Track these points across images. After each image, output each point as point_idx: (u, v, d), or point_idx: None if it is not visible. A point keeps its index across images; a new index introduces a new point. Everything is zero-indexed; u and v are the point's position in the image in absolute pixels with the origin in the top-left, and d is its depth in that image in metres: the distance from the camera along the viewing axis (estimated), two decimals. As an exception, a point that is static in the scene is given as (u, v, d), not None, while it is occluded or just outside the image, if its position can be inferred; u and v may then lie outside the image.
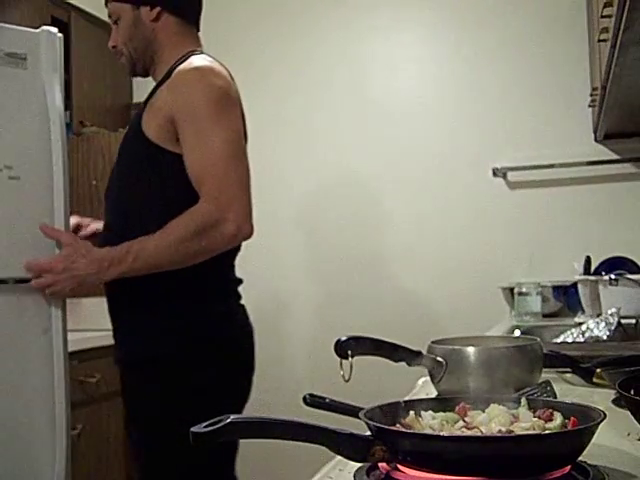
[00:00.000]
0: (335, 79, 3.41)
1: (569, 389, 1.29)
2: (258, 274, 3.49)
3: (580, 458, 0.74)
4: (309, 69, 3.45)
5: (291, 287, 3.45)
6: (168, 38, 1.72)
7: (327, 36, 3.43)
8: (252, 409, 3.34)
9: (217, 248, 1.56)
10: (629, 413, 0.94)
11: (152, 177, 1.61)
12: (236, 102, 1.64)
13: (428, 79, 3.30)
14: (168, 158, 1.58)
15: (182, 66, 1.62)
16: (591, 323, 1.86)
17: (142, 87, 3.65)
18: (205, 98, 1.56)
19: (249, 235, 1.58)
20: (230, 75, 1.68)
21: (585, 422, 0.75)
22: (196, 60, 1.64)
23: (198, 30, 1.80)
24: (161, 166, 1.59)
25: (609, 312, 1.87)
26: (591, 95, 2.64)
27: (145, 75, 1.80)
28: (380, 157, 3.33)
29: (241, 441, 0.72)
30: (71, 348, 1.82)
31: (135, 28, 1.72)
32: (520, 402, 0.84)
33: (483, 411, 0.83)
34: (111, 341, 2.84)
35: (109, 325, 1.73)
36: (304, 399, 0.94)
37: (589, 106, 2.76)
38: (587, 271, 2.54)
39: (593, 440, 0.73)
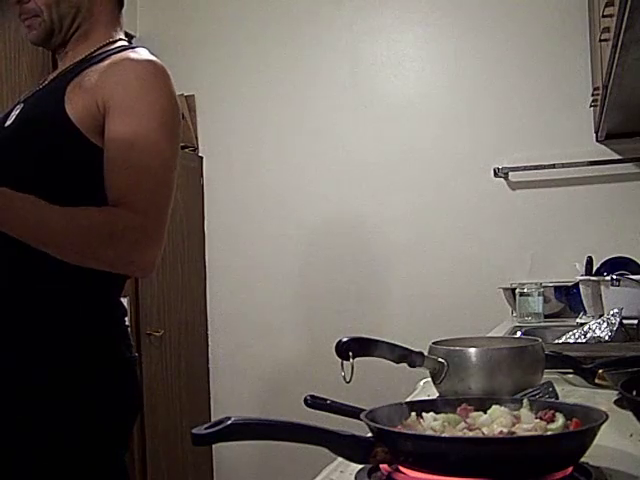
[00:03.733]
0: (336, 79, 3.41)
1: (571, 390, 1.28)
2: (259, 274, 3.49)
3: (582, 459, 0.74)
4: (311, 69, 3.45)
5: (292, 288, 3.44)
6: (104, 15, 1.42)
7: (329, 36, 3.43)
8: (253, 411, 3.36)
9: (116, 267, 1.28)
10: (631, 414, 0.94)
11: (69, 171, 1.28)
12: (181, 118, 1.37)
13: (429, 79, 3.30)
14: (92, 152, 1.28)
15: (129, 54, 1.33)
16: (593, 324, 1.86)
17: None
18: (157, 102, 1.29)
19: (151, 272, 1.30)
20: None
21: (587, 423, 0.75)
22: (145, 52, 1.35)
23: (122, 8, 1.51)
24: (83, 159, 1.28)
25: (611, 313, 1.87)
26: (592, 95, 2.64)
27: (57, 49, 1.45)
28: (381, 157, 3.33)
29: (242, 443, 0.72)
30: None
31: None
32: (522, 403, 0.84)
33: (485, 412, 0.82)
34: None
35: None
36: (305, 400, 0.94)
37: (590, 106, 2.76)
38: (589, 271, 2.54)
39: (595, 441, 0.73)
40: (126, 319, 1.41)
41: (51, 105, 1.30)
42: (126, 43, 1.45)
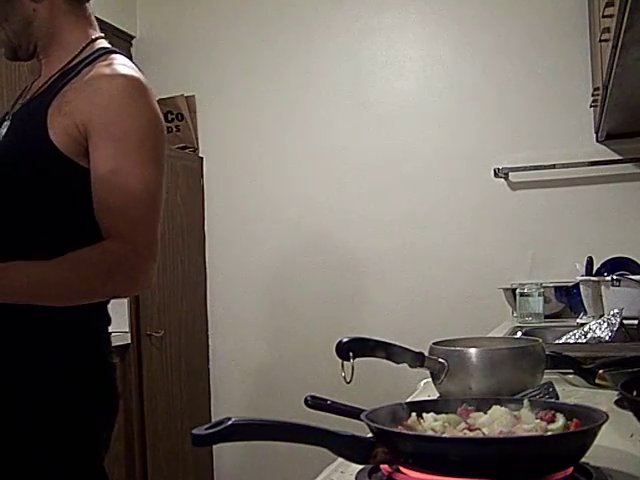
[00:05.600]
0: (337, 79, 3.41)
1: (571, 390, 1.28)
2: (259, 274, 3.49)
3: (583, 460, 0.74)
4: (311, 70, 3.45)
5: (292, 288, 3.44)
6: (58, 20, 1.39)
7: (329, 37, 3.43)
8: (254, 411, 3.36)
9: (116, 295, 1.32)
10: (632, 414, 0.94)
11: (60, 195, 1.30)
12: (164, 131, 1.36)
13: (429, 80, 3.30)
14: (80, 174, 1.28)
15: (104, 69, 1.31)
16: (593, 324, 1.86)
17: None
18: (137, 122, 1.28)
19: (149, 287, 1.32)
20: None
21: (588, 423, 0.75)
22: (121, 65, 1.33)
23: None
24: (72, 183, 1.29)
25: (611, 313, 1.87)
26: (592, 95, 2.64)
27: (29, 60, 1.46)
28: (381, 157, 3.33)
29: (243, 443, 0.72)
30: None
31: (10, 5, 1.37)
32: (522, 403, 0.84)
33: (485, 413, 0.82)
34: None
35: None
36: (305, 401, 0.94)
37: (590, 106, 2.76)
38: (589, 272, 2.54)
39: (596, 441, 0.73)
40: (109, 328, 1.43)
41: (35, 131, 1.30)
42: (104, 43, 1.42)
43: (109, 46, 1.42)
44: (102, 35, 1.45)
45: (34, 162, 1.30)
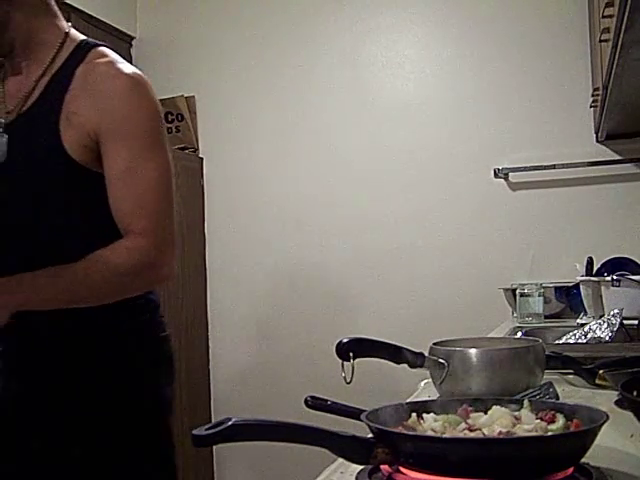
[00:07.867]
0: (337, 80, 3.41)
1: (572, 390, 1.28)
2: (259, 274, 3.49)
3: (583, 460, 0.74)
4: (311, 70, 3.45)
5: (292, 288, 3.44)
6: (32, 19, 1.36)
7: (329, 37, 3.43)
8: (254, 411, 3.36)
9: (145, 289, 1.39)
10: (632, 414, 0.94)
11: (80, 205, 1.35)
12: (164, 121, 1.39)
13: (429, 80, 3.30)
14: (97, 181, 1.32)
15: (104, 68, 1.33)
16: (593, 324, 1.86)
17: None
18: (143, 119, 1.32)
19: (173, 279, 1.39)
20: None
21: (588, 424, 0.75)
22: (120, 62, 1.35)
23: None
24: (90, 191, 1.33)
25: (611, 313, 1.87)
26: (592, 95, 2.64)
27: (3, 57, 1.42)
28: (381, 158, 3.33)
29: (243, 444, 0.73)
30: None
31: None
32: (522, 404, 0.84)
33: (485, 413, 0.82)
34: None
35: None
36: (306, 401, 0.94)
37: (590, 106, 2.76)
38: (589, 272, 2.53)
39: (596, 442, 0.73)
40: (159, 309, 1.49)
41: (51, 151, 1.31)
42: (79, 35, 1.42)
43: (85, 37, 1.42)
44: (70, 24, 1.44)
45: (56, 179, 1.33)
